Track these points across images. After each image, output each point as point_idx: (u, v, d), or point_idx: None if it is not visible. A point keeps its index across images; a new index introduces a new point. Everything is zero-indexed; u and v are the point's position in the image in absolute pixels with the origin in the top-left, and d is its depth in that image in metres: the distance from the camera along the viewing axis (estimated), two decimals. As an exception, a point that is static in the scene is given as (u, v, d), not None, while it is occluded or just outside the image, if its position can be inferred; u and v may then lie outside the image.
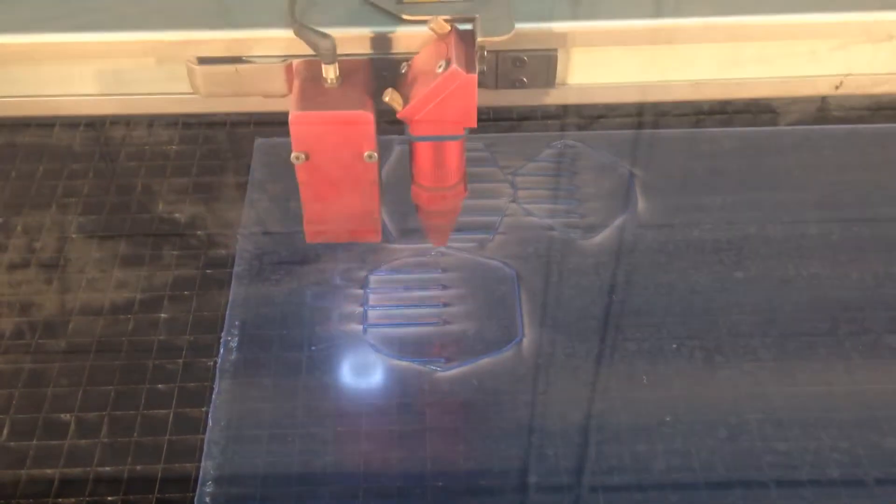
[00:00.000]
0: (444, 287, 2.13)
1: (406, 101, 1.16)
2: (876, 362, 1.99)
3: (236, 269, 2.17)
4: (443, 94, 1.13)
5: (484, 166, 2.41)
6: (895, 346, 2.02)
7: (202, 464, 1.82)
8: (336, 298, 2.11)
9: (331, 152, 1.20)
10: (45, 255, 2.22)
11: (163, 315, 2.09)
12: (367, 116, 1.16)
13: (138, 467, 1.84)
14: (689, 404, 1.92)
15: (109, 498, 1.80)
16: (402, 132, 1.23)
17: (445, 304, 2.10)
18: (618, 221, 2.28)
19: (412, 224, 2.25)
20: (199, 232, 2.27)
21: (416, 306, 2.10)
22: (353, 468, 1.83)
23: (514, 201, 2.33)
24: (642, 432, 1.88)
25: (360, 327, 2.06)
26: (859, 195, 2.34)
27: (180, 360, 2.00)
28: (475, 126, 1.18)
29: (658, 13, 1.18)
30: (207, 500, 1.78)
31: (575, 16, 1.18)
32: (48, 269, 2.19)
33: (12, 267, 2.20)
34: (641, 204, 2.31)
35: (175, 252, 2.22)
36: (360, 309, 2.09)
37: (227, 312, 2.08)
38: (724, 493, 1.79)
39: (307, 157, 1.20)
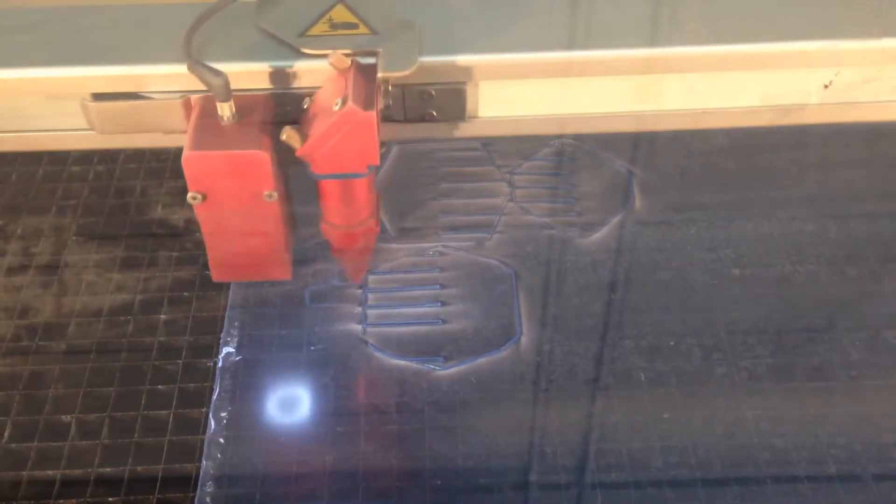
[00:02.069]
0: (443, 286, 2.14)
1: (305, 137, 1.11)
2: (873, 358, 1.99)
3: (235, 269, 2.18)
4: (341, 133, 1.09)
5: (481, 165, 2.41)
6: (892, 343, 2.02)
7: (202, 464, 1.83)
8: (335, 298, 2.12)
9: (228, 192, 1.14)
10: (45, 258, 2.23)
11: (162, 316, 2.10)
12: (263, 156, 1.11)
13: (139, 468, 1.85)
14: (686, 401, 1.92)
15: (110, 499, 1.80)
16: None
17: (444, 304, 2.11)
18: (615, 220, 2.28)
19: (410, 224, 2.25)
20: (197, 234, 2.27)
21: (414, 305, 2.11)
22: (353, 467, 1.83)
23: (511, 200, 2.34)
24: (640, 430, 1.88)
25: (359, 327, 2.06)
26: (855, 192, 2.34)
27: (180, 362, 2.01)
28: (377, 163, 1.13)
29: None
30: (208, 500, 1.79)
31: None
32: (48, 271, 2.20)
33: (12, 270, 2.21)
34: (638, 202, 2.32)
35: (174, 254, 2.22)
36: (359, 309, 2.10)
37: (227, 313, 2.09)
38: (721, 490, 1.79)
39: (204, 198, 1.14)
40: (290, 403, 1.94)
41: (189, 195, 1.14)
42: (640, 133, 2.46)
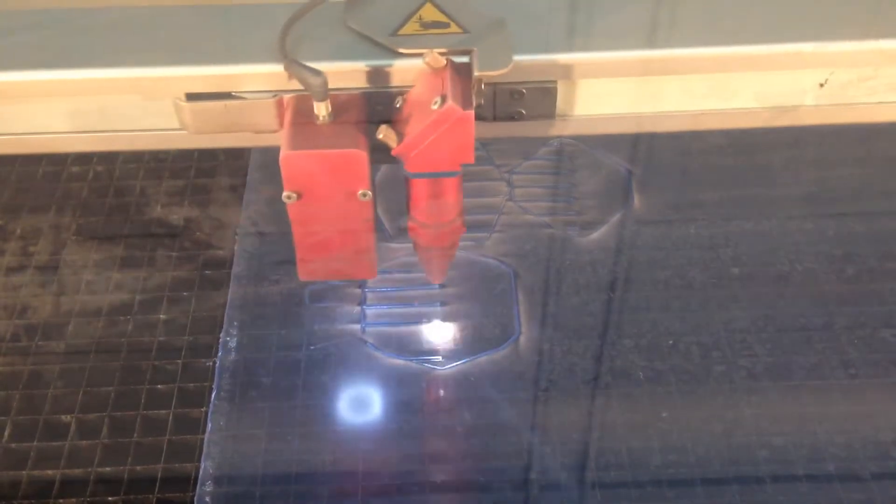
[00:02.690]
0: (442, 285, 2.14)
1: (401, 136, 1.12)
2: (871, 356, 2.00)
3: (235, 269, 2.18)
4: (439, 132, 1.09)
5: (480, 164, 2.41)
6: (890, 341, 2.02)
7: (202, 464, 1.83)
8: (334, 298, 2.12)
9: (323, 191, 1.15)
10: (44, 257, 2.23)
11: (162, 316, 2.10)
12: (360, 155, 1.11)
13: (138, 468, 1.85)
14: (685, 400, 1.93)
15: (110, 498, 1.81)
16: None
17: (443, 303, 2.11)
18: (614, 219, 2.28)
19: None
20: (197, 233, 2.28)
21: (413, 305, 2.11)
22: (352, 467, 1.83)
23: (510, 199, 2.34)
24: (639, 428, 1.89)
25: (359, 326, 2.06)
26: (853, 190, 2.35)
27: (179, 361, 2.01)
28: (472, 162, 1.14)
29: (663, 44, 1.13)
30: (207, 499, 1.79)
31: (575, 47, 1.14)
32: (47, 271, 2.20)
33: (11, 269, 2.21)
34: (637, 201, 2.32)
35: (173, 253, 2.23)
36: (359, 308, 2.10)
37: (226, 313, 2.09)
38: (720, 489, 1.79)
39: (299, 197, 1.15)
40: (290, 403, 1.94)
41: (284, 194, 1.14)
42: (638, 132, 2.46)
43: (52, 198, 2.37)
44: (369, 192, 1.16)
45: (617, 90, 1.19)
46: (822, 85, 1.13)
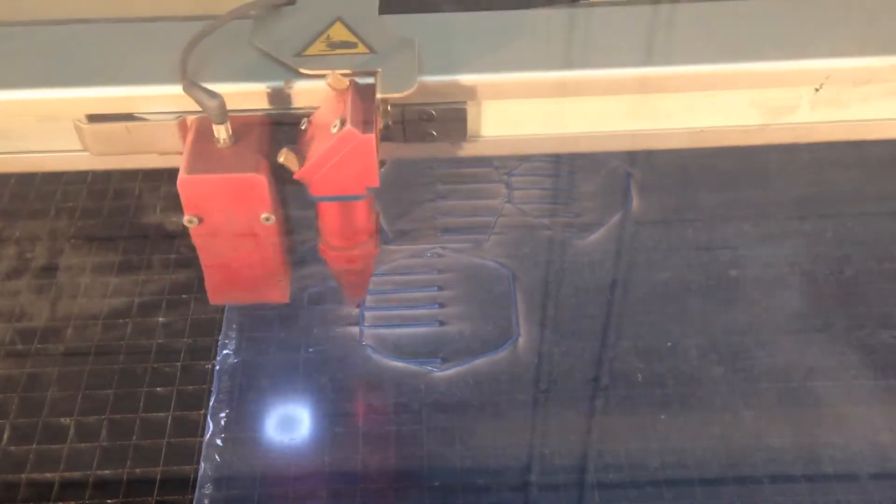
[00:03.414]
0: (441, 288, 2.14)
1: (303, 159, 1.09)
2: (870, 358, 2.00)
3: (233, 272, 2.18)
4: (339, 155, 1.06)
5: (478, 167, 2.42)
6: (888, 342, 2.02)
7: (201, 466, 1.84)
8: (333, 300, 2.12)
9: (225, 215, 1.12)
10: (43, 260, 2.23)
11: (160, 319, 2.10)
12: (260, 179, 1.08)
13: (137, 470, 1.85)
14: (683, 402, 1.93)
15: (109, 501, 1.81)
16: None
17: (442, 305, 2.11)
18: (613, 221, 2.29)
19: (408, 225, 2.26)
20: (195, 236, 2.27)
21: (412, 307, 2.11)
22: (351, 469, 1.83)
23: (509, 201, 2.34)
24: (638, 430, 1.89)
25: (357, 329, 2.06)
26: (851, 192, 2.35)
27: (178, 364, 2.01)
28: (377, 185, 1.11)
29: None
30: (206, 502, 1.79)
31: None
32: (46, 274, 2.20)
33: (9, 273, 2.21)
34: (636, 203, 2.32)
35: (172, 256, 2.23)
36: (357, 310, 2.10)
37: (225, 315, 2.09)
38: (718, 490, 1.79)
39: (200, 221, 1.12)
40: (289, 406, 1.94)
41: (185, 218, 1.12)
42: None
43: (51, 201, 2.37)
44: (272, 216, 1.12)
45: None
46: (817, 90, 1.13)
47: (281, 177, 1.12)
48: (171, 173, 1.09)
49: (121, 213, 2.34)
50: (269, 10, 1.17)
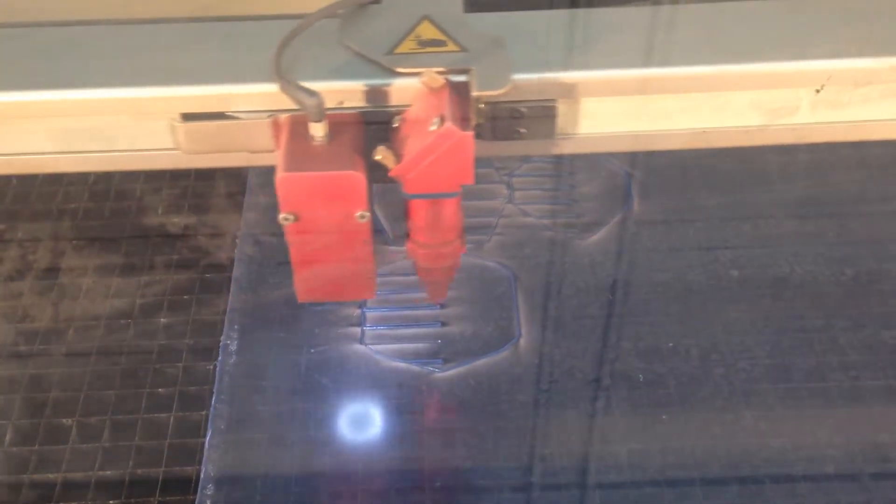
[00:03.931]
0: (442, 288, 2.14)
1: (399, 157, 1.09)
2: (871, 358, 2.00)
3: (235, 273, 2.19)
4: (437, 153, 1.07)
5: (480, 167, 2.41)
6: (890, 342, 2.02)
7: (202, 467, 1.84)
8: (334, 301, 2.13)
9: (320, 213, 1.13)
10: (45, 261, 2.24)
11: (162, 320, 2.11)
12: (358, 177, 1.09)
13: (139, 471, 1.85)
14: (684, 402, 1.93)
15: (111, 502, 1.81)
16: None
17: (443, 306, 2.11)
18: (614, 221, 2.29)
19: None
20: (196, 238, 2.28)
21: (413, 308, 2.11)
22: (352, 470, 1.84)
23: (510, 202, 2.34)
24: (639, 431, 1.89)
25: (359, 329, 2.07)
26: (852, 192, 2.35)
27: (180, 364, 2.02)
28: (472, 183, 1.11)
29: (664, 62, 1.12)
30: (208, 502, 1.79)
31: (575, 66, 1.12)
32: (48, 276, 2.20)
33: (12, 274, 2.21)
34: (637, 204, 2.32)
35: (174, 257, 2.23)
36: (359, 311, 2.10)
37: (227, 316, 2.10)
38: (719, 490, 1.80)
39: (296, 219, 1.13)
40: (290, 406, 1.94)
41: (281, 216, 1.12)
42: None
43: (52, 203, 2.38)
44: (367, 214, 1.13)
45: (617, 109, 1.17)
46: (818, 91, 1.14)
47: (371, 175, 1.12)
48: (173, 174, 1.09)
49: (122, 215, 2.34)
50: (355, 9, 1.18)
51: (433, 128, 1.06)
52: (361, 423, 1.92)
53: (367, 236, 1.18)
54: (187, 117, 1.13)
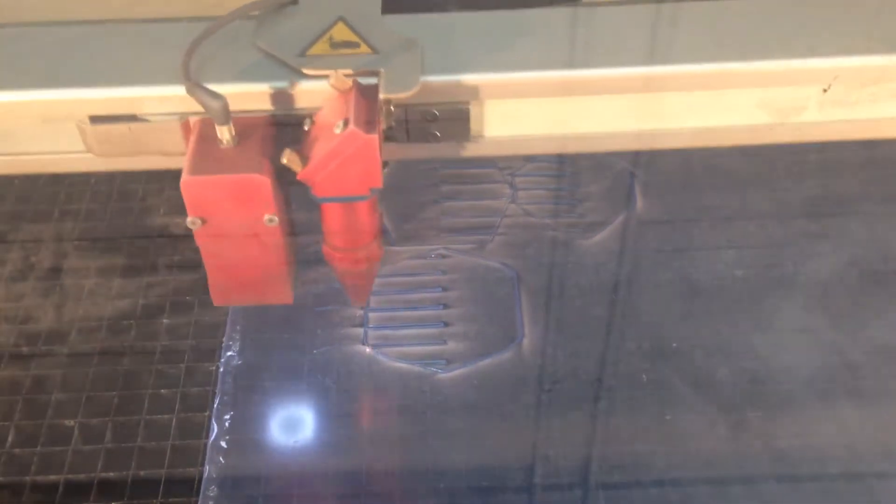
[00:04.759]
0: (445, 289, 2.14)
1: (306, 160, 1.09)
2: (876, 358, 1.99)
3: (237, 273, 2.18)
4: (342, 156, 1.06)
5: (483, 167, 2.41)
6: (895, 344, 2.02)
7: (205, 468, 1.83)
8: (337, 302, 2.12)
9: (228, 216, 1.12)
10: (47, 263, 2.23)
11: (165, 320, 2.10)
12: (264, 180, 1.08)
13: (142, 472, 1.85)
14: (689, 403, 1.92)
15: (113, 503, 1.80)
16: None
17: (446, 306, 2.11)
18: (617, 221, 2.28)
19: (412, 226, 2.26)
20: (199, 238, 2.27)
21: (416, 308, 2.11)
22: (355, 471, 1.83)
23: (513, 202, 2.34)
24: (643, 431, 1.88)
25: (362, 330, 2.06)
26: (857, 192, 2.34)
27: (182, 365, 2.01)
28: (380, 186, 1.11)
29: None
30: (211, 503, 1.79)
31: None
32: (50, 276, 2.20)
33: (14, 275, 2.21)
34: (640, 203, 2.32)
35: (176, 258, 2.23)
36: (362, 312, 2.10)
37: (229, 317, 2.09)
38: (724, 490, 1.79)
39: (203, 222, 1.12)
40: (293, 407, 1.94)
41: (188, 220, 1.12)
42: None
43: (55, 203, 2.37)
44: (276, 217, 1.12)
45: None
46: (825, 90, 1.13)
47: (284, 178, 1.11)
48: (175, 175, 1.08)
49: (125, 216, 2.34)
50: (271, 10, 1.17)
51: (338, 131, 1.05)
52: (364, 424, 1.92)
53: (278, 240, 1.17)
54: (95, 120, 1.11)
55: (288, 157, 1.08)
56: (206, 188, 1.09)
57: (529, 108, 1.16)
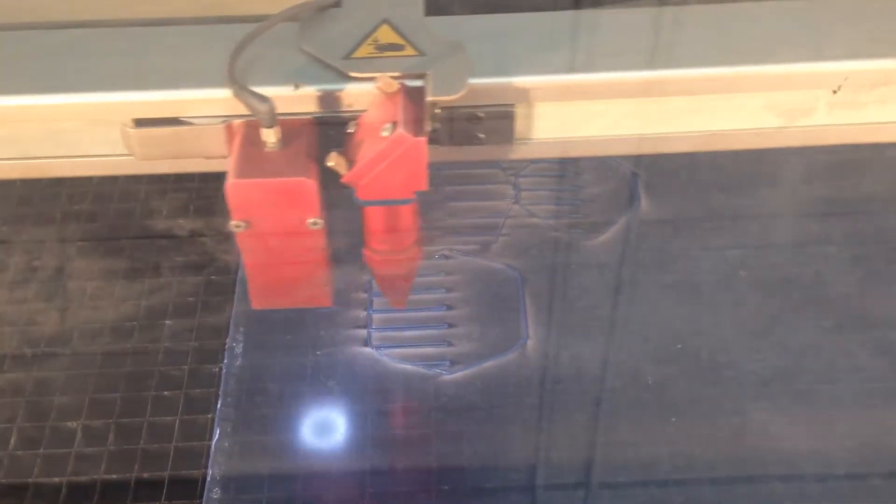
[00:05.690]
0: (448, 290, 2.14)
1: (352, 163, 1.08)
2: (881, 359, 1.99)
3: (240, 275, 2.18)
4: (389, 159, 1.06)
5: (486, 168, 2.41)
6: (900, 343, 2.02)
7: (208, 470, 1.83)
8: (340, 303, 2.12)
9: (272, 220, 1.12)
10: (50, 264, 2.23)
11: (168, 322, 2.10)
12: (309, 184, 1.08)
13: (145, 474, 1.85)
14: (693, 404, 1.92)
15: (117, 505, 1.81)
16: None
17: (450, 308, 2.10)
18: (621, 221, 2.28)
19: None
20: (201, 240, 2.27)
21: (420, 310, 2.10)
22: (359, 472, 1.83)
23: (517, 203, 2.33)
24: (647, 433, 1.88)
25: (365, 331, 2.06)
26: (862, 192, 2.34)
27: (185, 367, 2.01)
28: (425, 189, 1.10)
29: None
30: (214, 506, 1.79)
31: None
32: (53, 278, 2.20)
33: (17, 276, 2.21)
34: (644, 203, 2.31)
35: (179, 259, 2.22)
36: (365, 313, 2.09)
37: (232, 319, 2.09)
38: (729, 492, 1.79)
39: (248, 225, 1.11)
40: (296, 408, 1.94)
41: (232, 223, 1.11)
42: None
43: (57, 205, 2.37)
44: (320, 221, 1.12)
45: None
46: (835, 92, 1.13)
47: (326, 181, 1.11)
48: (178, 177, 1.08)
49: (127, 217, 2.34)
50: (315, 13, 1.17)
51: (385, 133, 1.05)
52: (367, 425, 1.92)
53: (321, 243, 1.16)
54: (140, 123, 1.11)
55: (334, 160, 1.07)
56: (252, 191, 1.09)
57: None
